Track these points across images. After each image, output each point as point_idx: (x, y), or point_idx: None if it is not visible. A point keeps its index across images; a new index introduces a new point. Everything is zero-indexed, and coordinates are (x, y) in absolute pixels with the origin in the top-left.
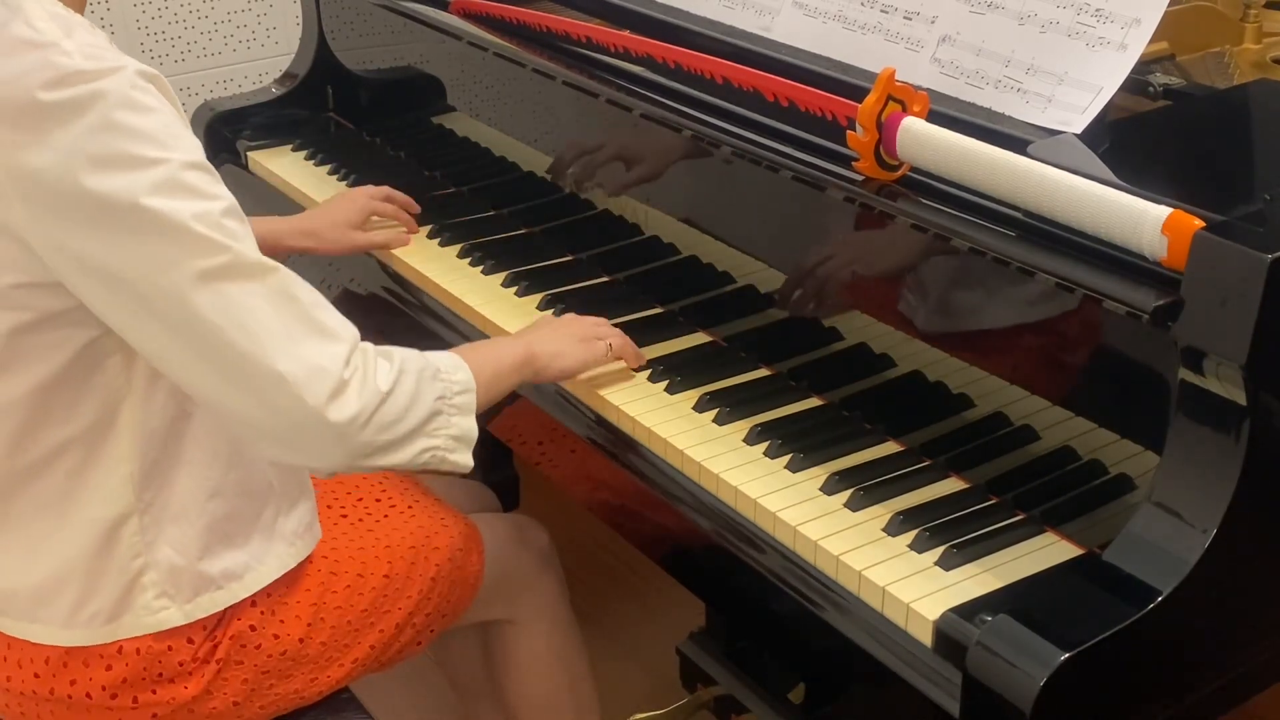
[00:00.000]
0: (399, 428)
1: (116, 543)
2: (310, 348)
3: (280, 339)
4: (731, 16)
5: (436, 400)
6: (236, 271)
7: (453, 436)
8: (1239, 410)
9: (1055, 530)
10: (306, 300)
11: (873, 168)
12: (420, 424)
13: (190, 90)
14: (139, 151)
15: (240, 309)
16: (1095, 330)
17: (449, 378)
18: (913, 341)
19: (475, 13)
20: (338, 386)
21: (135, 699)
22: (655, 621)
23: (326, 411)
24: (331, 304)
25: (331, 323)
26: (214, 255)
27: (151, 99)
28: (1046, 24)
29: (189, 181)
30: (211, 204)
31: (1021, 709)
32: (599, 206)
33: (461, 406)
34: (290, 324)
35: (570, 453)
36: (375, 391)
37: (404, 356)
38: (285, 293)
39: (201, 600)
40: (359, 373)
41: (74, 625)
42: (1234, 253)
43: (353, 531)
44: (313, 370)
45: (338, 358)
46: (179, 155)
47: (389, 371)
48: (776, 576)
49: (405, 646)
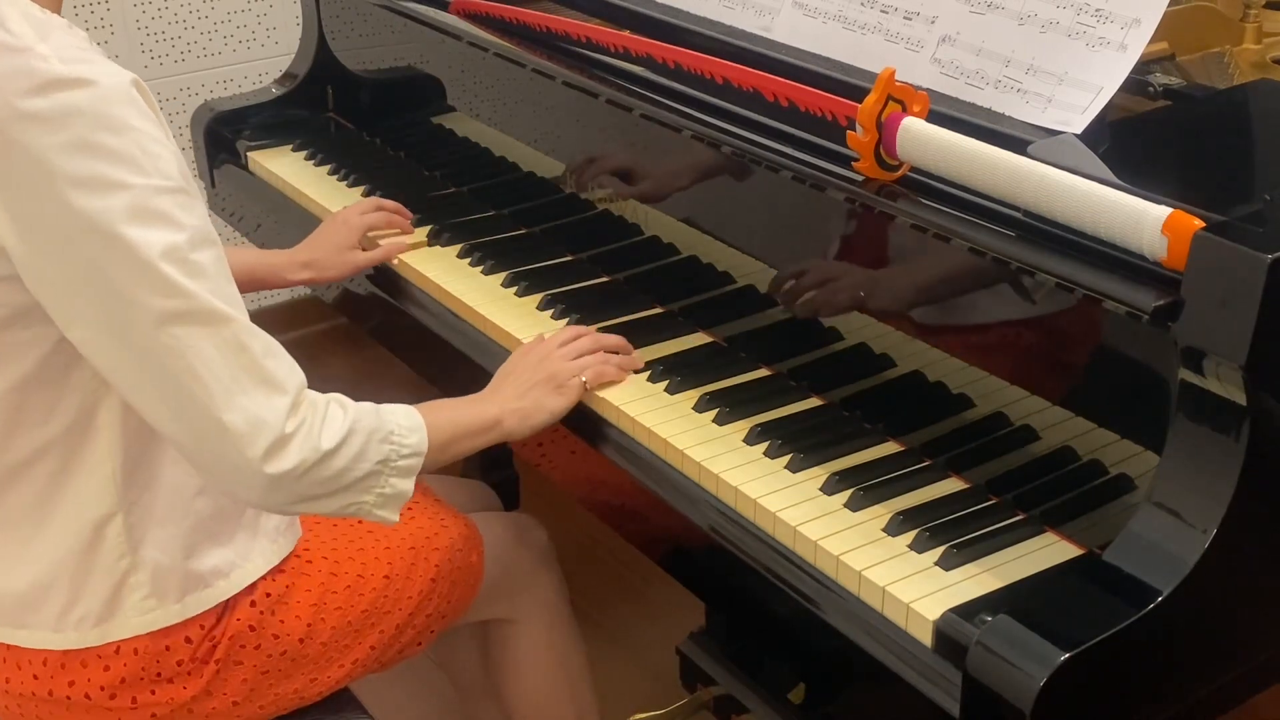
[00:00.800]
0: (334, 483)
1: (101, 544)
2: (254, 400)
3: (227, 389)
4: (731, 16)
5: (378, 463)
6: (193, 317)
7: (383, 495)
8: (1239, 410)
9: (1055, 530)
10: (257, 350)
11: (873, 168)
12: (355, 481)
13: (190, 90)
14: (115, 175)
15: (193, 355)
16: (1095, 330)
17: (400, 441)
18: (913, 341)
19: (475, 13)
20: (278, 440)
21: (134, 699)
22: (655, 621)
23: (264, 465)
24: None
25: (279, 373)
26: (174, 297)
27: (132, 115)
28: (1046, 24)
29: (162, 208)
30: (180, 235)
31: (1021, 709)
32: (599, 206)
33: (403, 470)
34: (238, 374)
35: (570, 453)
36: (316, 449)
37: (357, 414)
38: (237, 342)
39: (190, 600)
40: (304, 426)
41: (64, 629)
42: (1234, 253)
43: (352, 533)
44: (255, 423)
45: (280, 411)
46: (155, 180)
47: (338, 428)
48: (776, 576)
49: (406, 647)
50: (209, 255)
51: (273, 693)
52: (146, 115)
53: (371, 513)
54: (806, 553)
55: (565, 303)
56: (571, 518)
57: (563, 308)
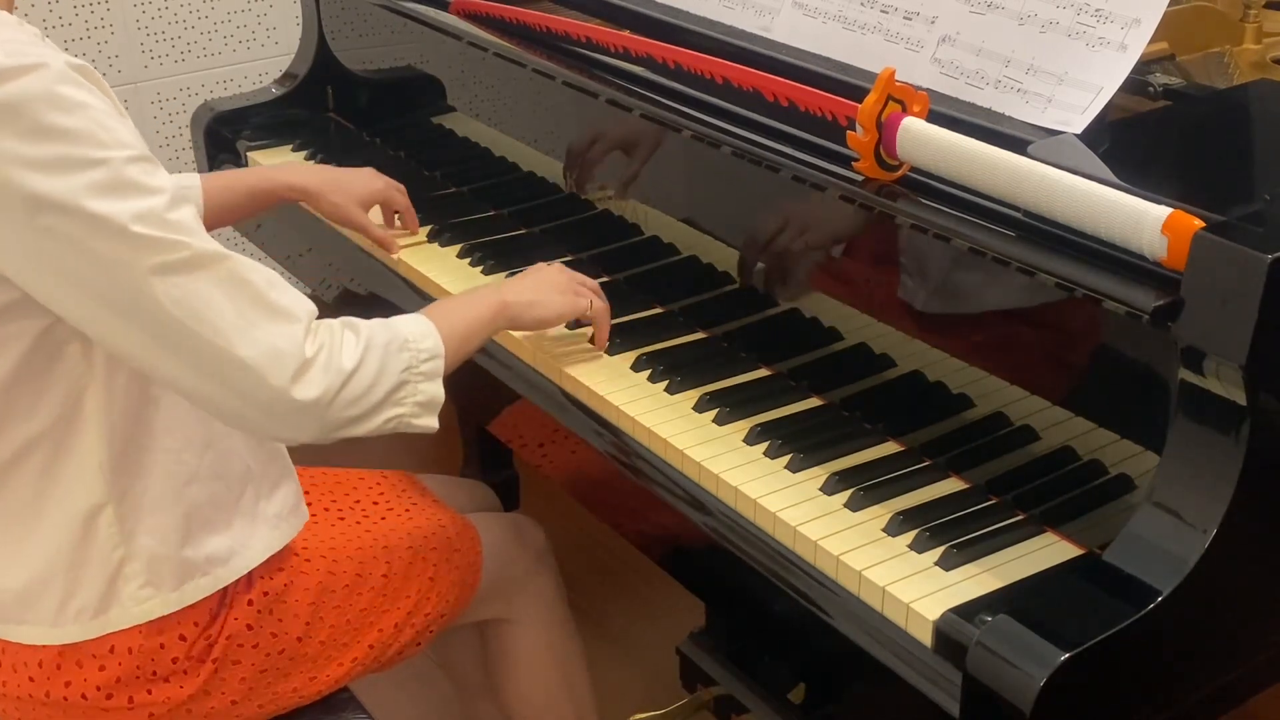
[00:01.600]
0: (365, 401)
1: (94, 535)
2: (268, 331)
3: (237, 326)
4: (731, 16)
5: (403, 371)
6: (187, 264)
7: (419, 403)
8: (1239, 410)
9: (1055, 530)
10: (260, 282)
11: (873, 168)
12: (386, 395)
13: (190, 90)
14: (78, 153)
15: (195, 299)
16: (1095, 330)
17: (416, 346)
18: (913, 341)
19: (475, 13)
20: (300, 367)
21: (131, 699)
22: (655, 621)
23: (292, 391)
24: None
25: (286, 302)
26: (163, 251)
27: (81, 93)
28: (1046, 24)
29: (131, 178)
30: (155, 199)
31: (1021, 709)
32: (599, 206)
33: (429, 373)
34: (245, 309)
35: (570, 453)
36: (339, 370)
37: (370, 330)
38: (237, 278)
39: (188, 588)
40: (324, 350)
41: (62, 623)
42: (1234, 253)
43: (351, 532)
44: (273, 353)
45: (295, 338)
46: (118, 151)
47: (354, 347)
48: (776, 576)
49: (404, 646)
50: (186, 212)
51: (271, 692)
52: (94, 93)
53: (412, 423)
54: (806, 553)
55: None
56: (571, 518)
57: None
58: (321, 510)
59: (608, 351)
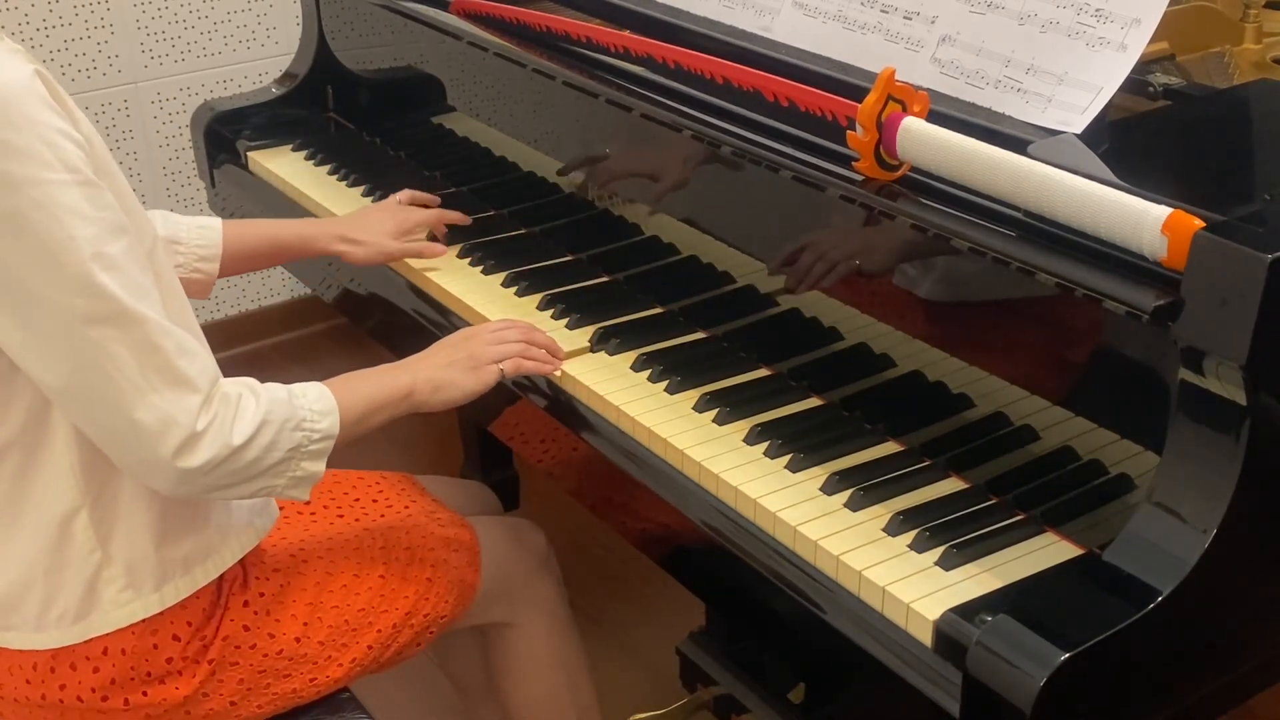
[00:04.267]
0: (244, 473)
1: (70, 540)
2: (165, 398)
3: (138, 387)
4: (731, 16)
5: (290, 450)
6: (106, 319)
7: (295, 478)
8: (1239, 410)
9: (1055, 530)
10: (170, 349)
11: (873, 168)
12: (266, 469)
13: (190, 90)
14: (19, 171)
15: (105, 356)
16: (1095, 330)
17: (311, 427)
18: (913, 341)
19: (475, 13)
20: (189, 438)
21: (126, 701)
22: (655, 621)
23: (175, 461)
24: (198, 347)
25: (191, 371)
26: (87, 297)
27: (32, 107)
28: (1046, 24)
29: (70, 203)
30: (90, 228)
31: (1021, 709)
32: (599, 206)
33: (315, 454)
34: (149, 374)
35: (570, 453)
36: (227, 444)
37: (270, 405)
38: (150, 343)
39: (168, 589)
40: (215, 423)
41: (44, 628)
42: (1234, 253)
43: (349, 532)
44: (165, 421)
45: (190, 410)
46: (60, 174)
47: (249, 420)
48: (776, 576)
49: (404, 647)
50: (119, 247)
51: (270, 693)
52: (50, 107)
53: (283, 493)
54: (806, 552)
55: (565, 303)
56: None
57: (563, 307)
58: (320, 509)
59: (608, 352)
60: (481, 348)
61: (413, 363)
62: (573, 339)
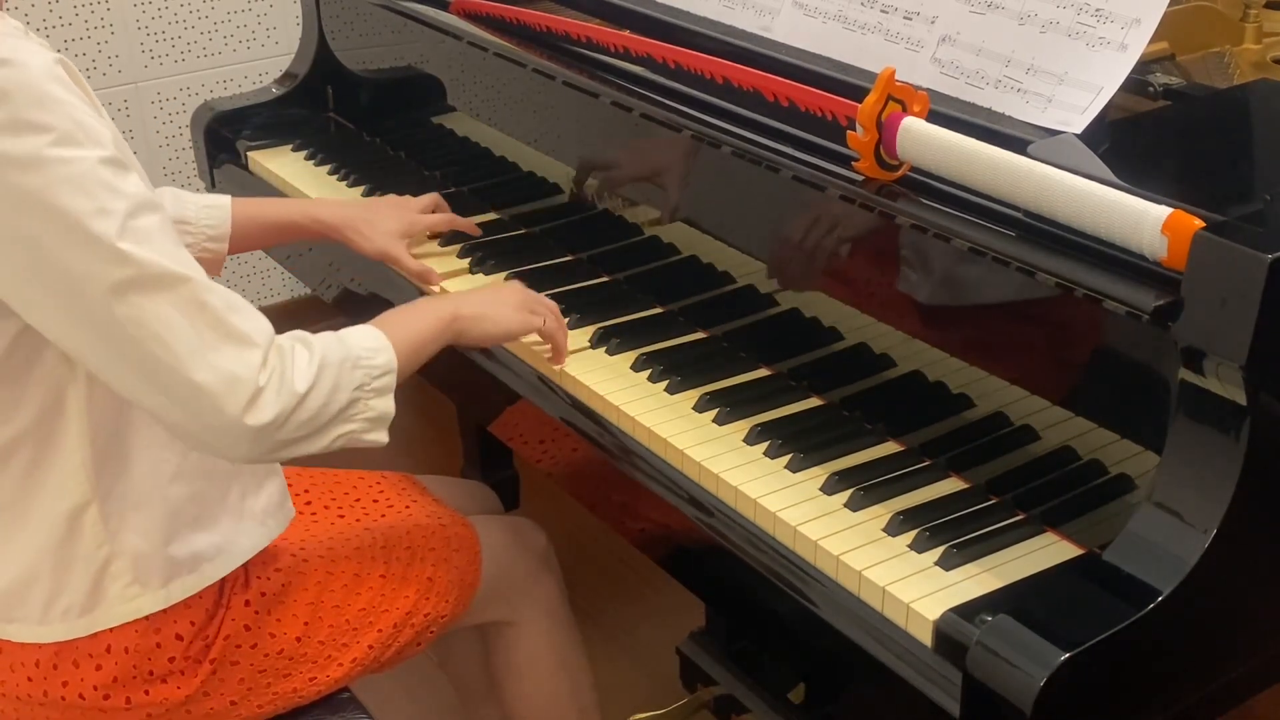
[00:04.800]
0: (317, 420)
1: (79, 534)
2: (225, 355)
3: (195, 349)
4: (731, 16)
5: (355, 389)
6: (148, 283)
7: (369, 419)
8: (1239, 410)
9: (1055, 530)
10: (220, 306)
11: (873, 168)
12: (338, 413)
13: (190, 90)
14: (51, 151)
15: (154, 320)
16: (1095, 330)
17: (369, 362)
18: (913, 341)
19: (475, 13)
20: (254, 394)
21: (128, 699)
22: (655, 621)
23: (244, 418)
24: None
25: (245, 327)
26: (124, 265)
27: (60, 90)
28: (1046, 24)
29: (103, 179)
30: (122, 203)
31: (1021, 709)
32: (599, 206)
33: (381, 389)
34: (204, 332)
35: (570, 453)
36: (292, 393)
37: (324, 348)
38: (197, 301)
39: (175, 586)
40: (275, 375)
41: (49, 621)
42: (1234, 253)
43: (350, 532)
44: (228, 379)
45: (252, 364)
46: (92, 151)
47: (307, 367)
48: (776, 576)
49: (404, 647)
50: (153, 220)
51: (270, 692)
52: (73, 90)
53: (362, 439)
54: (806, 552)
55: (565, 303)
56: (572, 518)
57: (563, 307)
58: (321, 509)
59: (608, 352)
60: (529, 299)
61: (456, 294)
62: (573, 339)
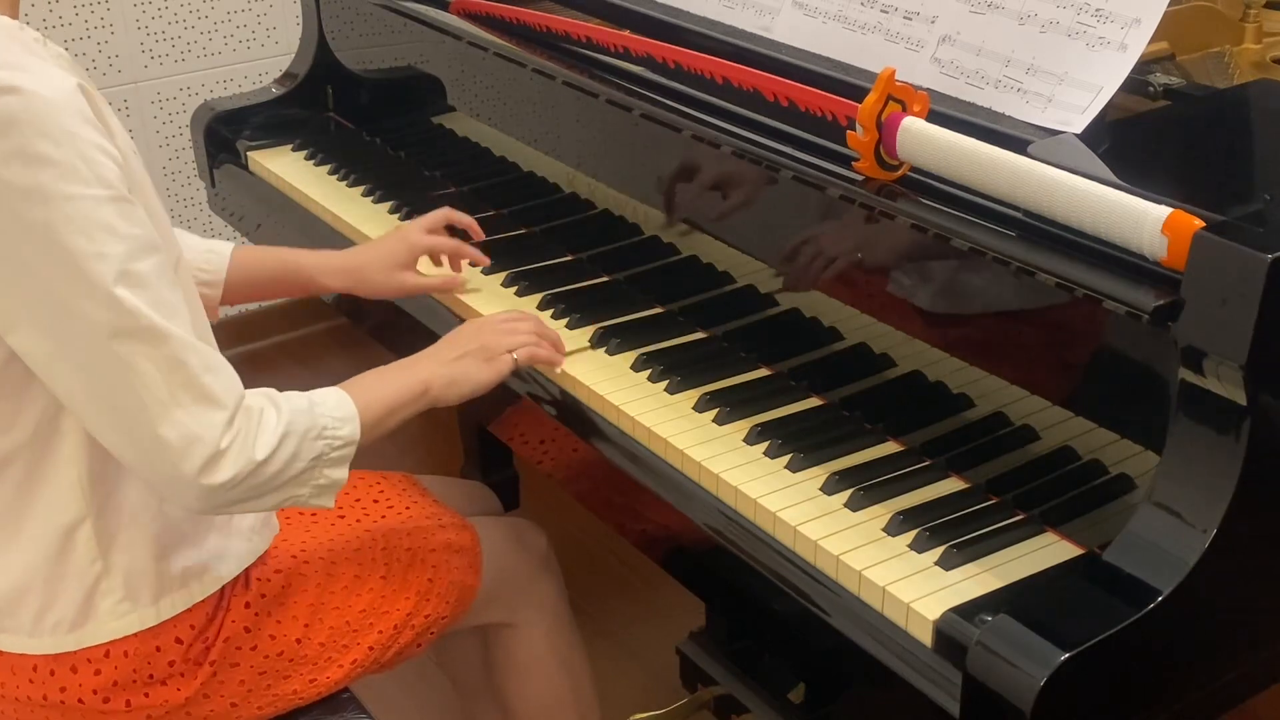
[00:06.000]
0: (267, 486)
1: (73, 549)
2: (191, 415)
3: (163, 404)
4: (731, 16)
5: (313, 460)
6: (133, 334)
7: (318, 486)
8: (1239, 410)
9: (1055, 530)
10: (195, 365)
11: (873, 168)
12: (289, 479)
13: (190, 90)
14: (55, 186)
15: (130, 371)
16: (1095, 330)
17: (333, 434)
18: (913, 341)
19: (475, 13)
20: (213, 456)
21: (128, 702)
22: (655, 621)
23: (199, 478)
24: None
25: (217, 388)
26: (114, 311)
27: (72, 121)
28: (1046, 24)
29: (103, 218)
30: (122, 245)
31: (1021, 709)
32: (599, 206)
33: (337, 461)
34: (176, 390)
35: (570, 453)
36: (250, 460)
37: (291, 416)
38: (175, 359)
39: (165, 603)
40: (239, 439)
41: (39, 633)
42: (1234, 253)
43: (350, 533)
44: (190, 438)
45: (216, 426)
46: (95, 189)
47: (272, 433)
48: (776, 576)
49: (404, 648)
50: (150, 264)
51: (270, 694)
52: (89, 122)
53: (308, 502)
54: (806, 552)
55: (565, 302)
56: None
57: (563, 307)
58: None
59: (608, 352)
60: (494, 338)
61: (425, 358)
62: (573, 339)
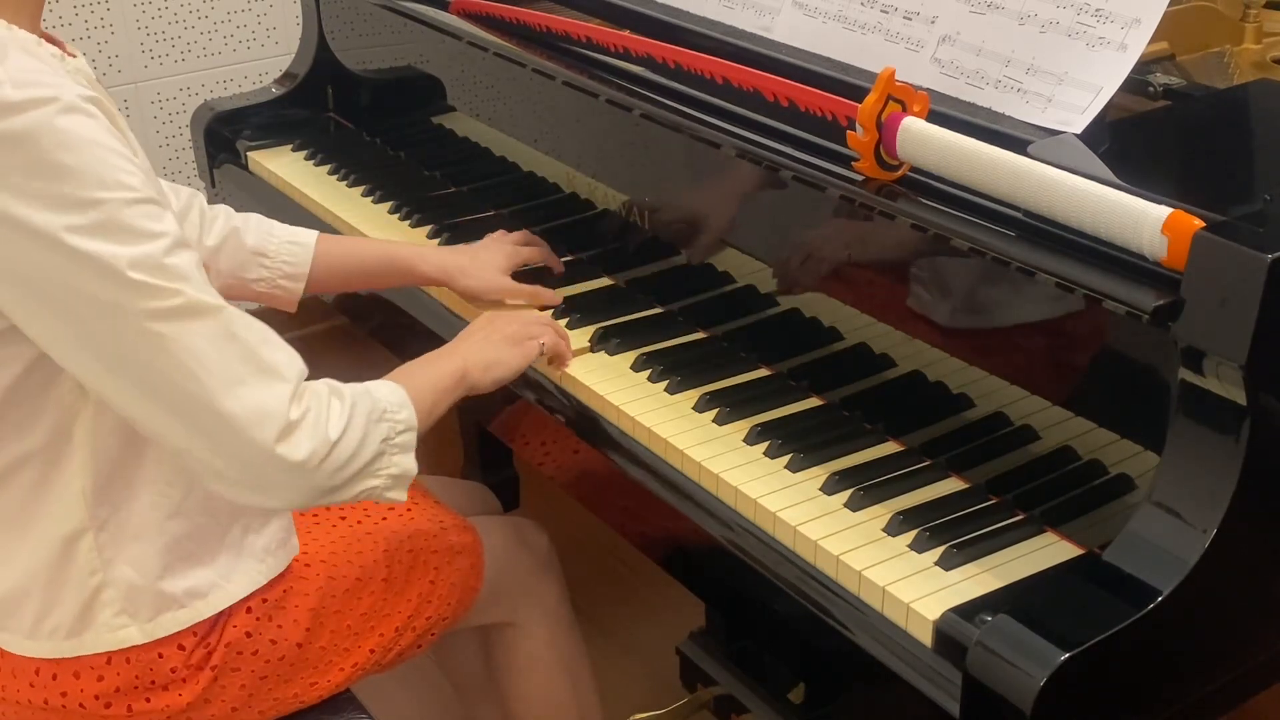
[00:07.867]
0: (347, 470)
1: (72, 559)
2: (254, 388)
3: (223, 380)
4: (731, 16)
5: (381, 442)
6: (178, 312)
7: (392, 476)
8: (1239, 410)
9: (1055, 530)
10: (251, 339)
11: (873, 168)
12: (365, 465)
13: (190, 90)
14: (78, 194)
15: (182, 350)
16: (1095, 330)
17: (394, 417)
18: (913, 341)
19: (475, 13)
20: (285, 428)
21: (129, 708)
22: (655, 621)
23: (276, 450)
24: (280, 340)
25: (276, 360)
26: (154, 298)
27: (89, 129)
28: (1046, 24)
29: (129, 221)
30: (153, 244)
31: (1021, 709)
32: (599, 206)
33: (403, 445)
34: (233, 364)
35: (571, 453)
36: (325, 439)
37: (354, 398)
38: (228, 332)
39: (163, 619)
40: (310, 414)
41: (37, 637)
42: (1234, 253)
43: (351, 535)
44: (258, 410)
45: (282, 398)
46: (119, 194)
47: (340, 414)
48: (776, 576)
49: (405, 649)
50: (185, 258)
51: (271, 697)
52: (105, 129)
53: (383, 495)
54: (806, 553)
55: (565, 303)
56: (572, 518)
57: (562, 308)
58: (322, 512)
59: (608, 352)
60: (517, 327)
61: (458, 346)
62: (573, 339)
